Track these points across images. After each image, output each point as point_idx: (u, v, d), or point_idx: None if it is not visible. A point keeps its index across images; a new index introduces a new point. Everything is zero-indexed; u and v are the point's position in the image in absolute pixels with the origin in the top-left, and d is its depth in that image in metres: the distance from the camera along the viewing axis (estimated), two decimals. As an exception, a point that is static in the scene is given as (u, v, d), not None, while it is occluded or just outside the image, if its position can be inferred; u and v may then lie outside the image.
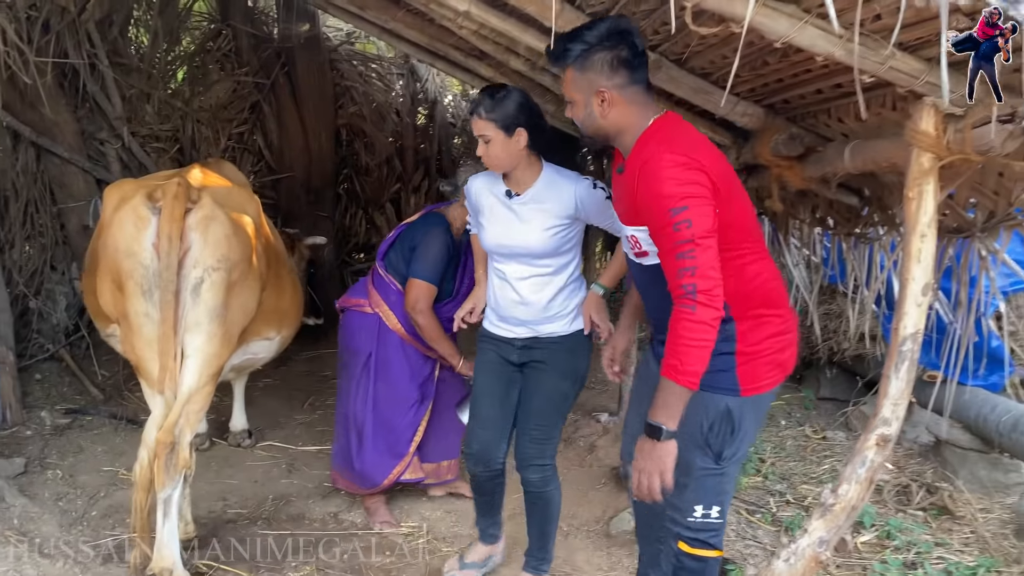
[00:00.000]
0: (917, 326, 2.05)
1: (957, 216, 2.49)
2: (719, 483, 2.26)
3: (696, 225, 1.97)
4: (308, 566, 3.14)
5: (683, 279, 1.98)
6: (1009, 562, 3.26)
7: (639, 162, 2.11)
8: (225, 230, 2.87)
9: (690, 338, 1.98)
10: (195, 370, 2.83)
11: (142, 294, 2.74)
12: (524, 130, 2.58)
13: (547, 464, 2.82)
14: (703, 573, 2.34)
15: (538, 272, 2.69)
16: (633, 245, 2.23)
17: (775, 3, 1.88)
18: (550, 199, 2.64)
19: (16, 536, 3.13)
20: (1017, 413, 3.73)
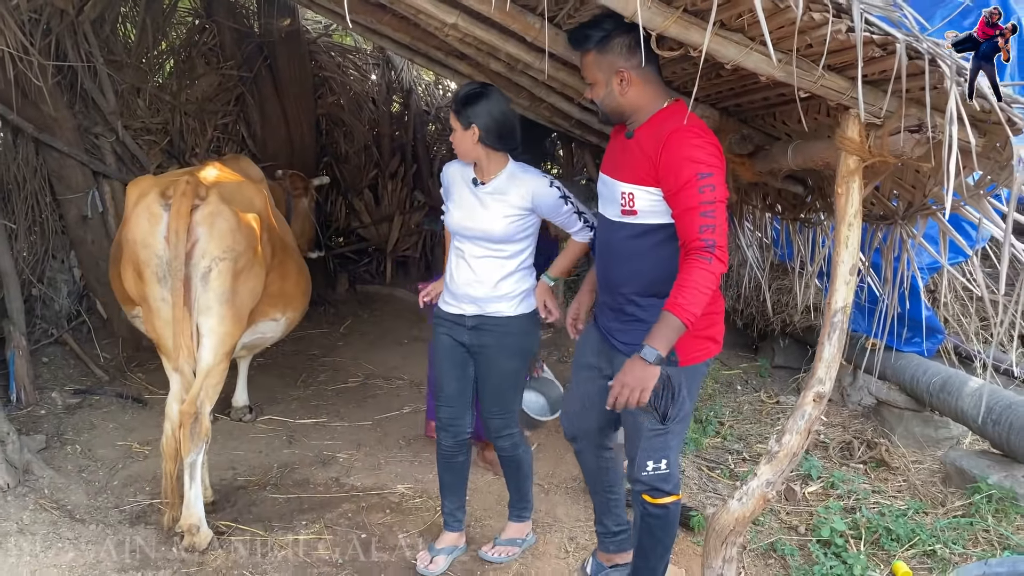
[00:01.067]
0: (846, 300, 2.45)
1: (883, 206, 2.89)
2: (665, 441, 2.57)
3: (718, 190, 2.31)
4: (317, 524, 3.48)
5: (704, 234, 2.27)
6: (935, 504, 3.73)
7: (663, 132, 2.38)
8: (230, 224, 3.17)
9: (701, 284, 2.26)
10: (210, 348, 3.19)
11: (157, 281, 3.09)
12: (478, 128, 2.85)
13: (513, 432, 3.15)
14: (666, 517, 2.70)
15: (493, 254, 2.95)
16: (624, 202, 2.48)
17: (725, 32, 2.23)
18: (510, 191, 2.90)
19: (49, 503, 3.44)
20: (945, 375, 4.19)
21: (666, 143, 2.36)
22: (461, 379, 3.09)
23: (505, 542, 3.31)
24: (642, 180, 2.44)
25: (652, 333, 2.32)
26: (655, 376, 2.34)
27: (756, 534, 3.48)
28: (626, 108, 2.50)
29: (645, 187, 2.43)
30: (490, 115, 2.87)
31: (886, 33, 2.00)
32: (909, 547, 3.34)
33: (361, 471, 4.03)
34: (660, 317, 2.32)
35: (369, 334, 6.32)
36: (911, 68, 2.03)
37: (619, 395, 2.35)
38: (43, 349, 4.93)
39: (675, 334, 2.31)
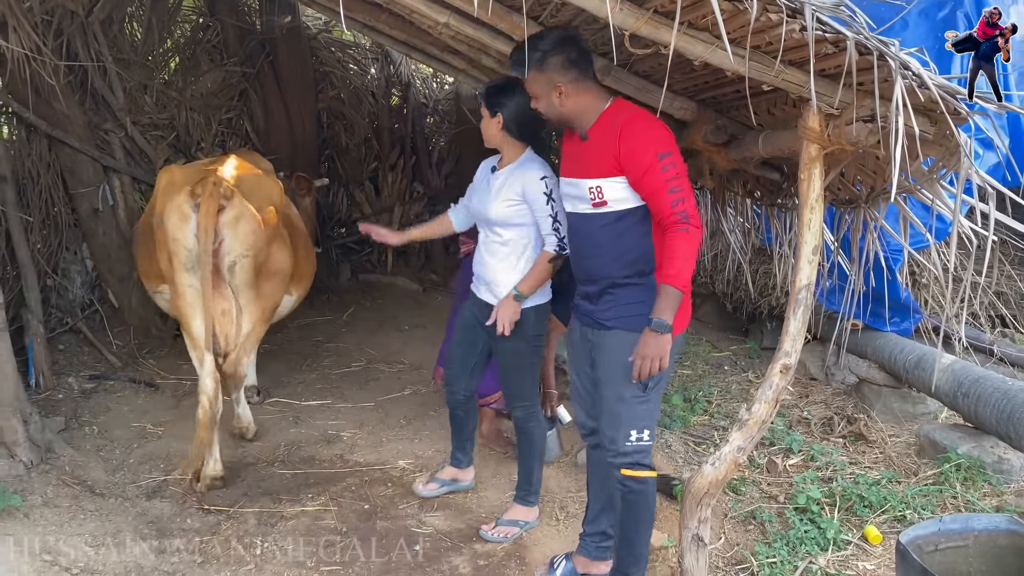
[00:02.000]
0: (810, 278, 2.64)
1: (848, 191, 3.08)
2: (647, 409, 2.72)
3: (678, 165, 2.56)
4: (322, 497, 3.69)
5: (676, 208, 2.51)
6: (908, 474, 3.92)
7: (616, 125, 2.62)
8: (252, 226, 3.62)
9: (686, 252, 2.51)
10: (248, 317, 3.79)
11: (186, 270, 3.55)
12: (501, 116, 3.17)
13: (527, 403, 3.44)
14: (645, 492, 2.81)
15: (495, 240, 3.26)
16: (594, 196, 2.68)
17: (693, 31, 2.42)
18: (513, 178, 3.19)
19: (70, 479, 3.66)
20: (920, 352, 4.38)
21: (621, 134, 2.59)
22: (467, 350, 3.49)
23: (507, 522, 3.45)
24: (607, 172, 2.65)
25: (657, 306, 2.54)
26: (669, 343, 2.56)
27: (737, 503, 3.68)
28: (569, 115, 2.73)
29: (610, 178, 2.64)
30: (515, 106, 3.16)
31: (837, 31, 2.19)
32: (881, 512, 3.53)
33: (364, 448, 4.24)
34: (659, 291, 2.55)
35: (371, 321, 6.52)
36: (861, 63, 2.22)
37: (641, 367, 2.57)
38: (58, 337, 5.14)
39: (676, 302, 2.54)
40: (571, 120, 2.76)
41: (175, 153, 5.91)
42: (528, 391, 3.44)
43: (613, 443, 2.75)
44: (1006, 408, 3.62)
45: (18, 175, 4.99)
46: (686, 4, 2.20)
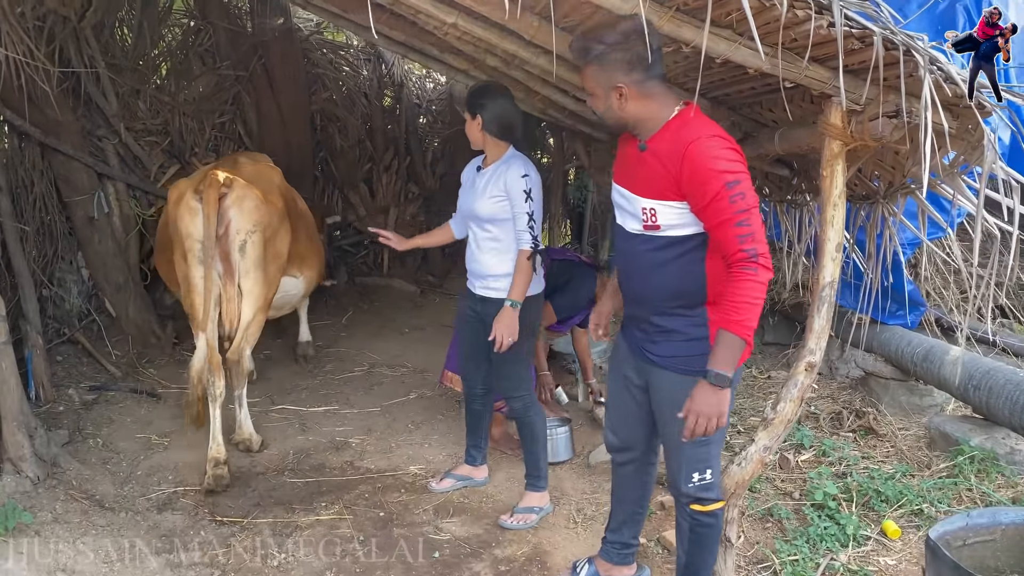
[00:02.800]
0: (833, 276, 2.63)
1: (866, 186, 3.07)
2: (707, 450, 2.54)
3: (748, 197, 2.23)
4: (336, 505, 3.65)
5: (745, 244, 2.20)
6: (921, 467, 3.93)
7: (681, 144, 2.28)
8: (255, 202, 3.86)
9: (752, 297, 2.20)
10: (250, 305, 3.92)
11: (199, 263, 3.76)
12: (481, 118, 3.32)
13: (523, 394, 3.54)
14: (716, 525, 2.69)
15: (484, 234, 3.37)
16: (647, 218, 2.40)
17: (716, 28, 2.40)
18: (497, 175, 3.31)
19: (79, 494, 3.59)
20: (927, 345, 4.39)
21: (685, 156, 2.27)
22: (472, 343, 3.58)
23: (523, 510, 3.54)
24: (664, 195, 2.35)
25: (714, 355, 2.26)
26: (727, 400, 2.28)
27: (753, 500, 3.66)
28: (628, 120, 2.43)
29: (668, 202, 2.35)
30: (493, 108, 3.32)
31: (864, 27, 2.17)
32: (898, 507, 3.53)
33: (374, 454, 4.20)
34: (718, 337, 2.26)
35: (370, 324, 6.48)
36: (887, 58, 2.20)
37: (696, 425, 2.28)
38: (56, 348, 5.06)
39: (738, 351, 2.25)
40: (631, 125, 2.46)
41: (169, 158, 5.83)
42: (524, 382, 3.54)
43: (674, 484, 2.63)
44: (1020, 399, 3.63)
45: (12, 184, 4.90)
46: (713, 0, 2.17)
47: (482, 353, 3.54)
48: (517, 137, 3.42)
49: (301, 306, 5.45)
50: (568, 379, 5.03)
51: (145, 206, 5.70)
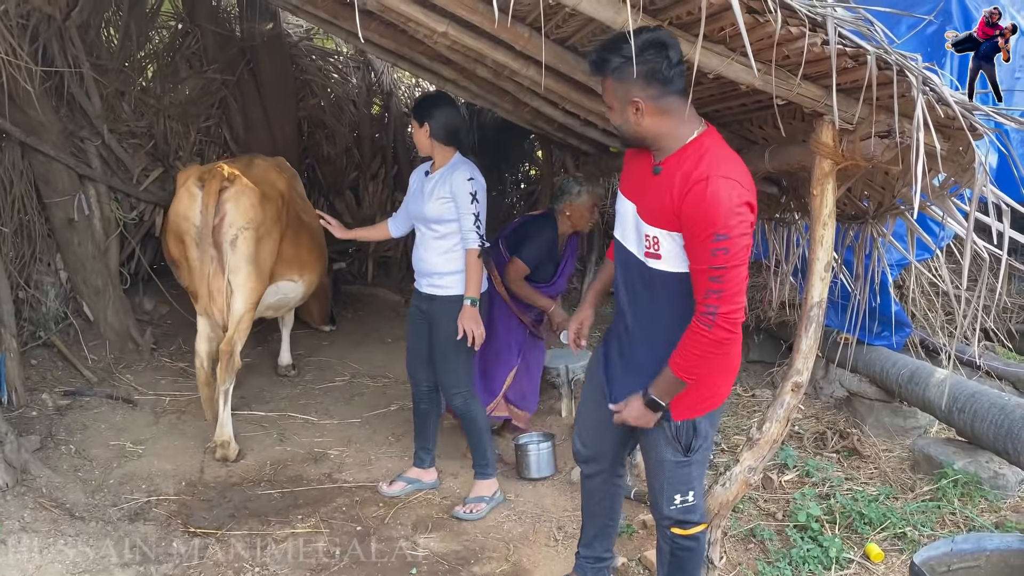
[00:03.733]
0: (821, 296, 2.61)
1: (855, 206, 3.05)
2: (688, 473, 2.52)
3: (732, 254, 2.15)
4: (312, 518, 3.58)
5: (709, 299, 2.19)
6: (905, 490, 3.90)
7: (691, 179, 2.21)
8: (251, 200, 4.01)
9: (701, 351, 2.24)
10: (240, 300, 4.04)
11: (196, 246, 3.95)
12: (429, 125, 3.49)
13: (463, 390, 3.64)
14: (696, 550, 2.66)
15: (431, 234, 3.55)
16: (649, 245, 2.35)
17: (708, 44, 2.37)
18: (444, 179, 3.50)
19: (48, 502, 3.50)
20: (912, 367, 4.37)
21: (690, 191, 2.20)
22: (418, 340, 3.72)
23: (474, 499, 3.67)
24: (667, 225, 2.29)
25: (656, 381, 2.36)
26: (654, 419, 2.41)
27: (736, 521, 3.62)
28: (645, 136, 2.35)
29: (670, 232, 2.30)
30: (440, 116, 3.50)
31: (858, 46, 2.15)
32: (881, 530, 3.50)
33: (352, 467, 4.13)
34: (663, 370, 2.34)
35: (353, 333, 6.41)
36: (881, 78, 2.18)
37: (622, 418, 2.47)
38: (31, 351, 4.95)
39: (675, 389, 2.36)
40: (648, 141, 2.37)
41: (153, 161, 5.75)
42: (464, 378, 3.65)
43: (656, 506, 2.61)
44: (1004, 424, 3.61)
45: (-10, 184, 4.82)
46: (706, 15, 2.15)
47: (427, 351, 3.70)
48: (462, 142, 3.65)
49: (285, 324, 5.43)
50: (552, 393, 4.98)
51: (127, 209, 5.62)
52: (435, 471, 3.98)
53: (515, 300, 4.14)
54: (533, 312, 4.26)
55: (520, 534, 3.52)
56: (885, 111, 2.36)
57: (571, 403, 4.80)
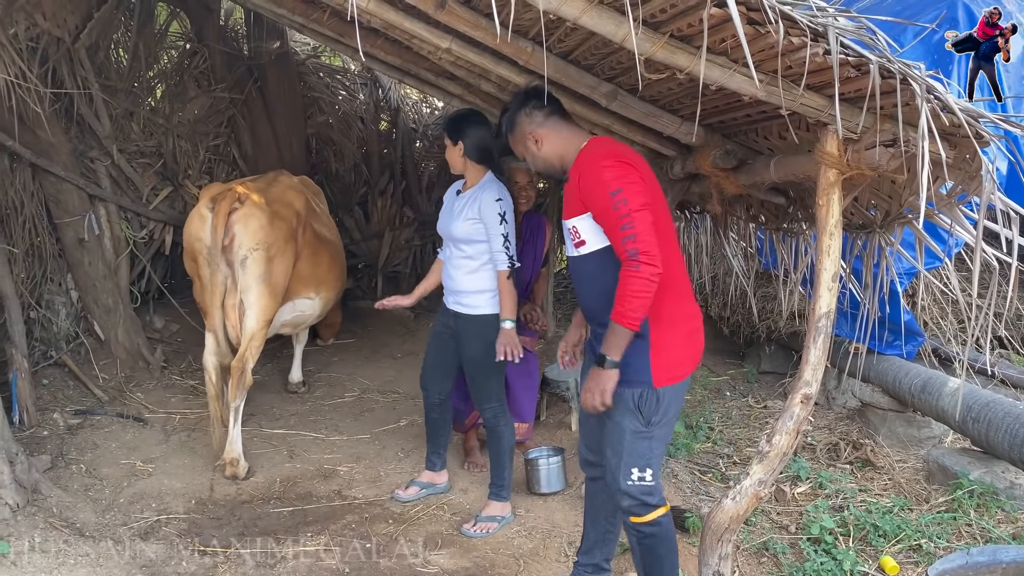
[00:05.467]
0: (829, 306, 2.58)
1: (862, 215, 3.03)
2: (648, 447, 2.61)
3: (631, 201, 2.46)
4: (322, 535, 3.56)
5: (627, 245, 2.44)
6: (920, 501, 3.86)
7: (580, 165, 2.62)
8: (261, 221, 4.06)
9: (634, 290, 2.42)
10: (252, 318, 4.08)
11: (207, 265, 4.01)
12: (462, 144, 3.51)
13: (493, 404, 3.68)
14: (661, 534, 2.69)
15: (460, 255, 3.57)
16: (573, 236, 2.67)
17: (710, 55, 2.36)
18: (473, 199, 3.50)
19: (59, 522, 3.50)
20: (925, 376, 4.33)
21: (581, 173, 2.59)
22: (439, 355, 3.79)
23: (485, 519, 3.65)
24: (578, 211, 2.63)
25: (604, 340, 2.52)
26: (613, 379, 2.53)
27: (748, 534, 3.59)
28: (551, 159, 2.76)
29: (581, 216, 2.62)
30: (473, 135, 3.51)
31: (860, 55, 2.14)
32: (896, 542, 3.46)
33: (362, 483, 4.12)
34: (608, 326, 2.50)
35: (363, 349, 6.41)
36: (884, 87, 2.17)
37: (585, 400, 2.58)
38: (42, 371, 4.98)
39: (623, 339, 2.48)
40: (557, 164, 2.77)
41: (162, 180, 5.79)
42: (496, 392, 3.68)
43: (615, 479, 2.66)
44: (1020, 433, 3.57)
45: (1, 205, 4.85)
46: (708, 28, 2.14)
47: (448, 366, 3.78)
48: (495, 161, 3.63)
49: (299, 341, 5.44)
50: (562, 407, 4.96)
51: (137, 228, 5.66)
52: (447, 474, 4.06)
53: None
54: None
55: (530, 550, 3.49)
56: (890, 120, 2.34)
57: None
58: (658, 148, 3.59)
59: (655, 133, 3.45)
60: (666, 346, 2.61)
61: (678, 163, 3.53)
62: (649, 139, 3.53)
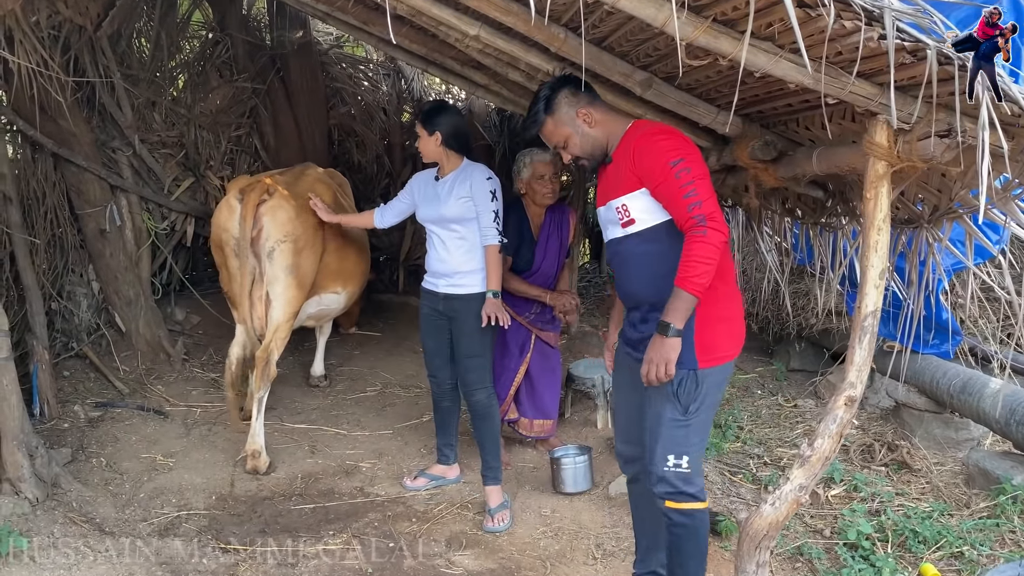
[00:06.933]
0: (876, 304, 2.46)
1: (908, 210, 2.90)
2: (686, 435, 2.56)
3: (694, 169, 2.44)
4: (344, 534, 3.49)
5: (693, 212, 2.39)
6: (960, 506, 3.72)
7: (631, 145, 2.57)
8: (288, 215, 4.03)
9: (701, 255, 2.37)
10: (278, 309, 4.06)
11: (235, 256, 4.03)
12: (440, 133, 3.55)
13: (487, 386, 3.68)
14: (693, 527, 2.61)
15: (451, 236, 3.59)
16: (621, 215, 2.62)
17: (755, 40, 2.25)
18: (461, 179, 3.57)
19: (78, 517, 3.46)
20: (965, 377, 4.19)
21: (635, 149, 2.55)
22: (438, 340, 3.78)
23: (496, 508, 3.61)
24: (629, 189, 2.58)
25: (667, 309, 2.44)
26: (676, 348, 2.44)
27: (783, 538, 3.47)
28: (603, 139, 2.70)
29: (633, 193, 2.57)
30: (450, 124, 3.58)
31: (916, 40, 2.02)
32: (936, 549, 3.34)
33: (384, 480, 4.05)
34: (672, 293, 2.42)
35: (384, 342, 6.34)
36: (941, 74, 2.04)
37: (647, 372, 2.48)
38: (63, 363, 4.94)
39: (687, 305, 2.42)
40: (606, 144, 2.71)
41: (184, 171, 5.74)
42: (487, 373, 3.69)
43: (652, 464, 2.62)
44: (1067, 437, 3.43)
45: (23, 195, 4.81)
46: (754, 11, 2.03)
47: (447, 350, 3.77)
48: (470, 149, 3.75)
49: (322, 333, 5.42)
50: (587, 404, 4.86)
51: (158, 219, 5.61)
52: (458, 467, 4.05)
53: (509, 298, 4.02)
54: (531, 309, 4.19)
55: (557, 552, 3.40)
56: (944, 109, 2.21)
57: (607, 414, 4.67)
58: (693, 139, 3.46)
59: (690, 123, 3.33)
60: (712, 323, 2.56)
61: (713, 155, 3.41)
62: (682, 128, 3.39)
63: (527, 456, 4.38)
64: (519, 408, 4.27)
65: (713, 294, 2.50)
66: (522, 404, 4.28)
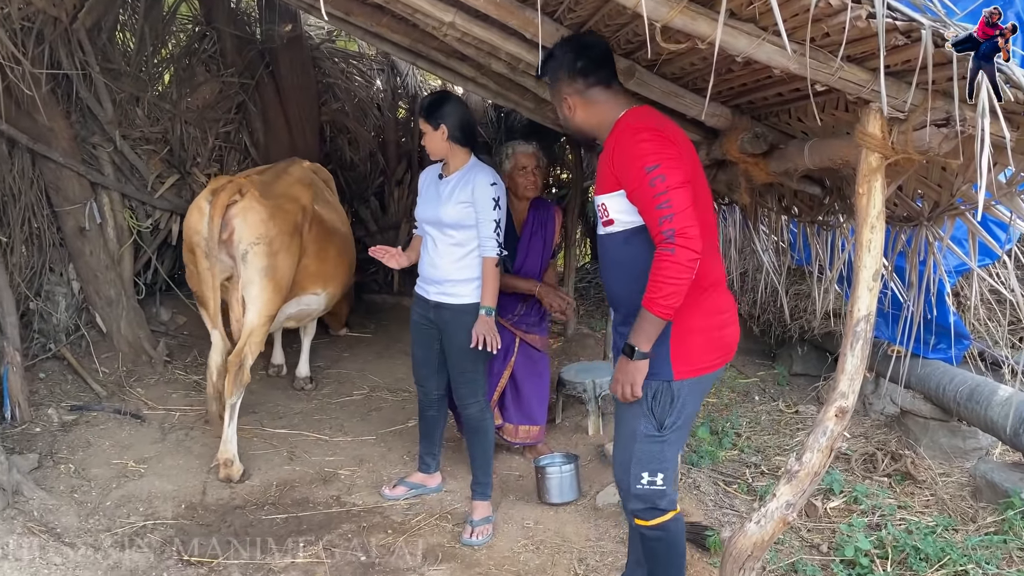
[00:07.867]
0: (869, 308, 2.27)
1: (907, 206, 2.72)
2: (661, 450, 2.47)
3: (669, 178, 2.26)
4: (315, 547, 3.33)
5: (663, 226, 2.24)
6: (965, 521, 3.53)
7: (614, 139, 2.43)
8: (260, 216, 3.89)
9: (668, 276, 2.24)
10: (253, 313, 3.90)
11: (205, 257, 3.85)
12: (445, 127, 3.32)
13: (479, 400, 3.51)
14: (667, 538, 2.55)
15: (446, 240, 3.37)
16: (602, 214, 2.50)
17: (735, 22, 2.08)
18: (464, 182, 3.33)
19: (38, 527, 3.31)
20: (973, 383, 3.99)
21: (616, 145, 2.40)
22: (427, 349, 3.58)
23: (480, 521, 3.45)
24: (609, 188, 2.44)
25: (634, 329, 2.35)
26: (642, 371, 2.37)
27: (776, 553, 3.30)
28: (583, 128, 2.57)
29: (612, 193, 2.43)
30: (455, 116, 3.35)
31: (910, 19, 1.84)
32: (939, 567, 3.14)
33: (363, 489, 3.89)
34: (639, 314, 2.33)
35: (375, 344, 6.19)
36: (937, 57, 1.86)
37: (614, 390, 2.43)
38: (40, 364, 4.80)
39: (655, 328, 2.32)
40: (588, 133, 2.61)
41: (168, 168, 5.59)
42: (480, 386, 3.51)
43: (624, 482, 2.54)
44: (1079, 449, 3.23)
45: (-2, 192, 4.68)
46: (730, -13, 1.86)
47: (436, 359, 3.58)
48: (477, 142, 3.50)
49: (306, 333, 5.27)
50: (579, 409, 4.69)
51: (142, 217, 5.47)
52: (440, 476, 3.90)
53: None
54: (515, 311, 4.05)
55: (537, 566, 3.23)
56: (942, 96, 2.03)
57: (598, 420, 4.50)
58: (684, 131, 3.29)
59: (678, 115, 3.15)
60: (688, 334, 2.44)
61: (703, 148, 3.23)
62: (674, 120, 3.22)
63: (513, 463, 4.21)
64: (504, 414, 4.10)
65: (690, 303, 2.36)
66: (507, 409, 4.11)
